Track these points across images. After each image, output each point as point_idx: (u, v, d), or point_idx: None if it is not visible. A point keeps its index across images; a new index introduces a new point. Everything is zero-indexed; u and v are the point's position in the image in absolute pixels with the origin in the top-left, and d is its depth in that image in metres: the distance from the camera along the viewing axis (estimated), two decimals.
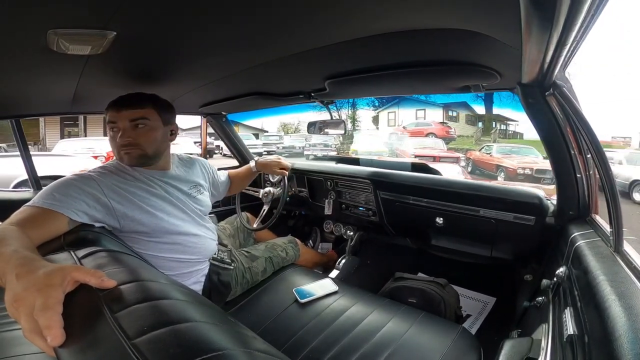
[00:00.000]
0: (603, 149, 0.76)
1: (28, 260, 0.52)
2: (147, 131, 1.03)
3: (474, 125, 12.21)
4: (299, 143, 13.01)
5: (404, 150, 8.88)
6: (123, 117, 1.00)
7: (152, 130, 1.04)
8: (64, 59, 0.80)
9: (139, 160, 1.03)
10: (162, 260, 1.03)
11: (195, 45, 0.85)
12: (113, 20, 0.64)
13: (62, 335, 0.41)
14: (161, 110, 1.07)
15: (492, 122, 11.77)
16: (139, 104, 1.02)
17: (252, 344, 0.46)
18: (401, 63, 0.98)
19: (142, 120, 1.02)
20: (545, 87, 0.85)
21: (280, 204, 1.68)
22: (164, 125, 1.08)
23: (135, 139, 1.01)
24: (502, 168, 7.36)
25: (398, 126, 12.74)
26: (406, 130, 11.67)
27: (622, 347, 0.43)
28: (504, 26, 0.65)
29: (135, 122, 1.01)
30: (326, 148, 11.79)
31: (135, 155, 1.02)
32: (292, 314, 1.15)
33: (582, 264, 0.74)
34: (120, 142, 1.00)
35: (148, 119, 1.03)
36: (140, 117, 1.01)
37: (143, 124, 1.02)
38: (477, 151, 8.50)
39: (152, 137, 1.04)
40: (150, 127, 1.03)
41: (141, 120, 1.01)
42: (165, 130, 1.09)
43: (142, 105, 1.02)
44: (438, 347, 0.95)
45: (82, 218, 0.84)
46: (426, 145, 8.36)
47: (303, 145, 12.66)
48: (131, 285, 0.49)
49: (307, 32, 0.78)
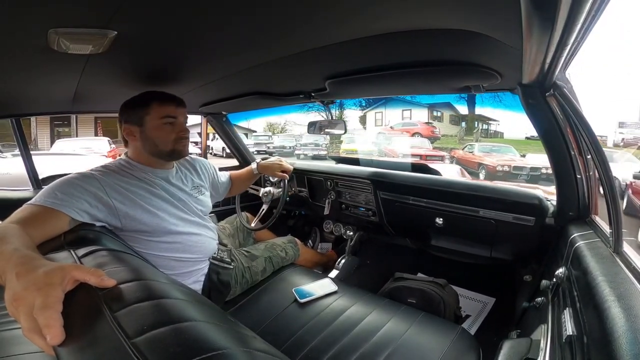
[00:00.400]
0: (603, 150, 0.77)
1: (28, 259, 0.52)
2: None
3: (458, 125, 12.58)
4: (289, 143, 13.14)
5: (392, 149, 9.25)
6: (181, 112, 1.10)
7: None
8: (64, 58, 0.80)
9: (188, 151, 1.16)
10: (163, 259, 1.03)
11: (196, 45, 0.85)
12: (114, 20, 0.64)
13: (61, 334, 0.41)
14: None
15: (474, 122, 12.23)
16: (185, 104, 1.14)
17: (251, 344, 0.46)
18: (401, 63, 0.98)
19: (187, 119, 1.16)
20: (545, 88, 0.85)
21: (280, 204, 1.68)
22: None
23: (186, 133, 1.13)
24: (483, 165, 7.80)
25: (385, 126, 13.07)
26: (394, 129, 11.98)
27: (621, 348, 0.43)
28: (504, 27, 0.65)
29: (186, 119, 1.14)
30: (317, 147, 11.90)
31: (188, 147, 1.14)
32: (292, 313, 1.15)
33: (581, 265, 0.74)
34: (182, 135, 1.10)
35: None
36: (187, 116, 1.15)
37: (187, 122, 1.15)
38: (461, 150, 9.10)
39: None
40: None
41: (187, 119, 1.15)
42: None
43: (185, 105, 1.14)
44: (437, 348, 0.95)
45: (84, 217, 0.84)
46: (413, 144, 8.88)
47: (293, 145, 12.80)
48: (131, 284, 0.50)
49: (308, 32, 0.78)
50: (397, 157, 8.46)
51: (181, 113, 1.10)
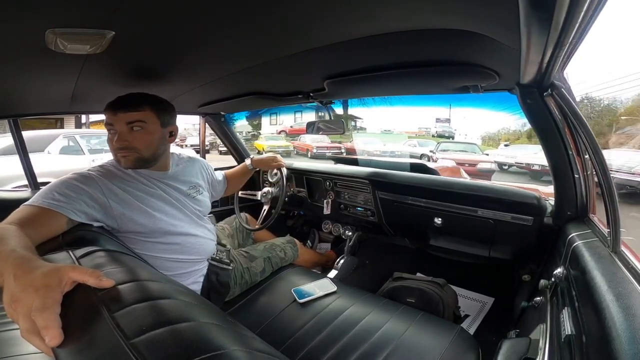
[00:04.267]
0: (601, 150, 0.77)
1: (25, 260, 0.52)
2: (144, 134, 1.01)
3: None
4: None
5: (305, 143, 11.85)
6: (119, 119, 0.98)
7: (149, 134, 1.02)
8: (62, 58, 0.80)
9: (135, 163, 1.02)
10: (161, 260, 1.03)
11: (194, 45, 0.85)
12: (112, 20, 0.64)
13: (60, 336, 0.41)
14: (160, 111, 1.04)
15: (348, 121, 14.99)
16: (135, 106, 0.99)
17: (251, 344, 0.46)
18: (400, 63, 0.98)
19: (139, 123, 1.00)
20: (543, 88, 0.86)
21: (278, 204, 1.68)
22: (163, 127, 1.06)
23: (131, 142, 0.99)
24: (364, 151, 10.37)
25: (282, 126, 15.70)
26: (293, 129, 14.62)
27: (620, 347, 0.43)
28: (502, 27, 0.65)
29: (132, 125, 0.99)
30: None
31: (131, 159, 1.01)
32: (291, 314, 1.15)
33: (579, 264, 0.75)
34: (116, 145, 0.98)
35: (145, 121, 1.01)
36: (136, 120, 0.99)
37: (139, 127, 1.00)
38: (348, 142, 12.13)
39: (148, 140, 1.02)
40: (147, 130, 1.01)
41: (137, 123, 0.99)
42: (163, 132, 1.07)
43: (139, 107, 1.00)
44: (436, 347, 0.95)
45: (81, 218, 0.84)
46: (318, 139, 11.35)
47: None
48: (129, 284, 0.49)
49: (307, 32, 0.78)
50: (312, 150, 11.04)
51: (119, 120, 0.98)
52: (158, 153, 1.07)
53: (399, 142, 10.99)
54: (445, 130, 13.39)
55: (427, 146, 9.85)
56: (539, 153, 7.60)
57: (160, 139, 1.06)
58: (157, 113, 1.04)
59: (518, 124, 13.22)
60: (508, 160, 8.29)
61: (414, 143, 10.44)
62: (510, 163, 8.21)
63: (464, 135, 13.03)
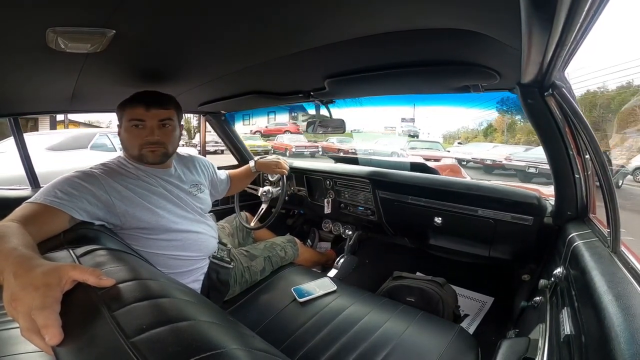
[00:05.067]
0: (602, 150, 0.77)
1: (26, 259, 0.52)
2: (171, 131, 1.08)
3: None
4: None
5: (283, 143, 12.44)
6: (152, 115, 1.02)
7: (174, 130, 1.09)
8: (63, 57, 0.80)
9: (161, 158, 1.07)
10: (163, 257, 1.03)
11: (195, 44, 0.85)
12: (112, 19, 0.64)
13: (60, 334, 0.41)
14: (178, 110, 1.12)
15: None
16: (166, 104, 1.06)
17: (251, 343, 0.47)
18: (401, 63, 0.98)
19: (168, 121, 1.06)
20: (544, 88, 0.85)
21: (278, 203, 1.68)
22: (179, 125, 1.13)
23: (161, 138, 1.04)
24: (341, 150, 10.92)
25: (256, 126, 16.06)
26: (268, 129, 15.31)
27: (619, 347, 0.43)
28: (504, 26, 0.65)
29: (163, 122, 1.05)
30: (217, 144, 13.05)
31: (159, 154, 1.06)
32: (291, 313, 1.15)
33: (579, 264, 0.75)
34: (148, 140, 1.03)
35: (172, 119, 1.07)
36: (167, 118, 1.05)
37: (169, 124, 1.06)
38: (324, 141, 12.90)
39: (174, 137, 1.09)
40: (173, 127, 1.08)
41: (168, 121, 1.06)
42: (180, 130, 1.13)
43: (168, 105, 1.06)
44: (436, 347, 0.95)
45: (83, 216, 0.84)
46: (295, 139, 12.38)
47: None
48: (130, 283, 0.49)
49: (307, 32, 0.78)
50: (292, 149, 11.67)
51: (152, 116, 1.02)
52: (175, 150, 1.14)
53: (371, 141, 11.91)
54: (411, 130, 14.27)
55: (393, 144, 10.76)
56: (491, 150, 9.77)
57: (179, 137, 1.14)
58: (177, 112, 1.11)
59: (475, 123, 15.06)
60: (466, 156, 9.51)
61: (385, 142, 11.45)
62: (467, 159, 9.38)
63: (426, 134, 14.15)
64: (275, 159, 1.65)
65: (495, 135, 14.77)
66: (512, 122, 14.61)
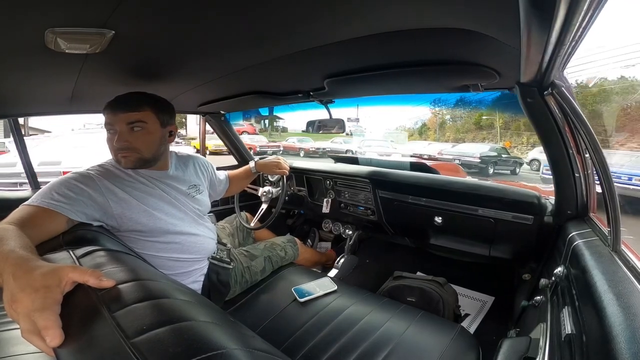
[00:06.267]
0: (601, 149, 0.77)
1: (24, 261, 0.52)
2: (144, 134, 1.01)
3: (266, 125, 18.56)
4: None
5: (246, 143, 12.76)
6: (120, 119, 0.98)
7: (149, 134, 1.02)
8: (61, 58, 0.80)
9: (135, 163, 1.02)
10: (161, 259, 1.03)
11: (195, 44, 0.85)
12: (112, 19, 0.64)
13: (60, 336, 0.41)
14: (159, 111, 1.04)
15: (272, 121, 17.74)
16: (136, 106, 0.99)
17: (251, 343, 0.46)
18: (400, 62, 0.98)
19: (139, 124, 0.99)
20: (543, 87, 0.85)
21: (279, 203, 1.68)
22: (162, 127, 1.06)
23: (132, 142, 0.99)
24: (302, 149, 12.51)
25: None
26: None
27: (620, 346, 0.43)
28: (503, 26, 0.65)
29: (132, 125, 0.99)
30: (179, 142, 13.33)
31: (132, 159, 1.01)
32: (291, 313, 1.15)
33: (580, 263, 0.75)
34: (117, 146, 0.98)
35: (145, 121, 1.00)
36: (137, 120, 0.99)
37: (140, 127, 1.00)
38: (284, 141, 13.98)
39: (149, 140, 1.02)
40: (147, 130, 1.01)
41: (138, 124, 0.99)
42: (163, 132, 1.07)
43: (139, 107, 0.99)
44: (436, 346, 0.95)
45: (81, 218, 0.84)
46: (256, 139, 13.32)
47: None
48: (130, 284, 0.49)
49: (307, 31, 0.78)
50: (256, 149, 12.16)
51: (120, 120, 0.97)
52: (158, 153, 1.07)
53: (327, 140, 12.92)
54: (357, 129, 14.70)
55: (349, 143, 12.33)
56: (427, 147, 11.47)
57: (161, 139, 1.07)
58: (157, 113, 1.04)
59: (411, 122, 16.47)
60: (407, 152, 10.85)
61: (339, 140, 12.58)
62: (409, 154, 10.45)
63: (369, 132, 14.85)
64: (276, 160, 1.64)
65: (429, 134, 16.37)
66: (442, 121, 16.68)
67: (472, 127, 14.70)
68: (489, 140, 13.84)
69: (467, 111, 15.00)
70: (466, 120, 14.65)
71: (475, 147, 9.94)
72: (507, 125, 14.31)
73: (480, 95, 4.31)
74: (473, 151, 9.15)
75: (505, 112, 11.82)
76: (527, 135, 13.20)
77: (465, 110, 15.06)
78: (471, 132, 14.70)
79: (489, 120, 14.85)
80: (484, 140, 13.82)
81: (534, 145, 11.51)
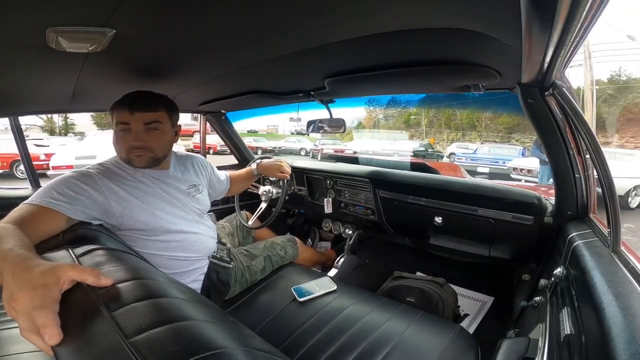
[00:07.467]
0: (602, 150, 0.77)
1: (23, 259, 0.52)
2: (160, 134, 1.03)
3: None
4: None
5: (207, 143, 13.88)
6: (137, 119, 0.98)
7: (164, 134, 1.04)
8: (63, 56, 0.80)
9: (149, 163, 1.03)
10: (162, 258, 1.03)
11: (195, 43, 0.85)
12: (113, 18, 0.64)
13: (59, 334, 0.41)
14: (171, 112, 1.07)
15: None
16: (153, 106, 1.01)
17: (250, 343, 0.47)
18: (401, 62, 0.98)
19: (155, 124, 1.01)
20: (544, 87, 0.85)
21: (279, 203, 1.68)
22: (172, 127, 1.09)
23: (148, 142, 1.00)
24: (259, 148, 13.10)
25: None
26: (181, 129, 16.63)
27: (619, 347, 0.43)
28: (504, 26, 0.65)
29: (149, 125, 1.00)
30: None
31: (147, 159, 1.02)
32: (291, 312, 1.15)
33: (579, 264, 0.75)
34: (133, 145, 0.99)
35: (161, 122, 1.02)
36: (154, 121, 1.01)
37: (156, 128, 1.02)
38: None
39: (164, 140, 1.05)
40: (162, 130, 1.04)
41: (155, 124, 1.01)
42: (172, 132, 1.09)
43: (156, 108, 1.01)
44: (436, 346, 0.95)
45: (80, 216, 0.84)
46: (214, 139, 12.94)
47: None
48: (129, 283, 0.49)
49: (308, 31, 0.78)
50: (217, 148, 11.92)
51: (137, 120, 0.98)
52: (168, 152, 1.10)
53: (280, 140, 13.63)
54: (303, 129, 15.02)
55: (302, 142, 13.28)
56: (371, 144, 13.19)
57: (172, 139, 1.09)
58: (169, 114, 1.06)
59: (349, 121, 17.95)
60: (354, 149, 12.27)
61: (293, 140, 13.23)
62: (356, 150, 11.85)
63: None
64: (278, 162, 1.63)
65: (366, 133, 18.11)
66: (376, 120, 18.69)
67: (402, 125, 17.53)
68: (416, 138, 16.70)
69: (397, 110, 17.39)
70: (397, 119, 17.43)
71: (409, 144, 12.93)
72: (431, 124, 17.57)
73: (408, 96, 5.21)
74: (408, 148, 12.01)
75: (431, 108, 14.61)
76: (447, 132, 16.58)
77: (396, 109, 17.43)
78: (401, 130, 17.64)
79: (416, 120, 17.84)
80: (412, 138, 16.45)
81: (453, 141, 14.77)
